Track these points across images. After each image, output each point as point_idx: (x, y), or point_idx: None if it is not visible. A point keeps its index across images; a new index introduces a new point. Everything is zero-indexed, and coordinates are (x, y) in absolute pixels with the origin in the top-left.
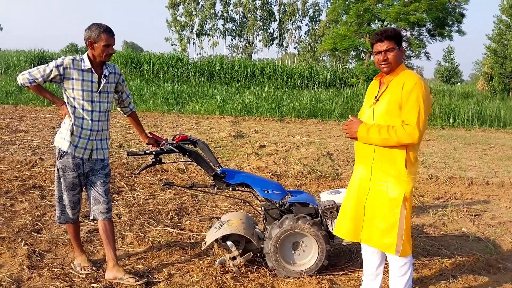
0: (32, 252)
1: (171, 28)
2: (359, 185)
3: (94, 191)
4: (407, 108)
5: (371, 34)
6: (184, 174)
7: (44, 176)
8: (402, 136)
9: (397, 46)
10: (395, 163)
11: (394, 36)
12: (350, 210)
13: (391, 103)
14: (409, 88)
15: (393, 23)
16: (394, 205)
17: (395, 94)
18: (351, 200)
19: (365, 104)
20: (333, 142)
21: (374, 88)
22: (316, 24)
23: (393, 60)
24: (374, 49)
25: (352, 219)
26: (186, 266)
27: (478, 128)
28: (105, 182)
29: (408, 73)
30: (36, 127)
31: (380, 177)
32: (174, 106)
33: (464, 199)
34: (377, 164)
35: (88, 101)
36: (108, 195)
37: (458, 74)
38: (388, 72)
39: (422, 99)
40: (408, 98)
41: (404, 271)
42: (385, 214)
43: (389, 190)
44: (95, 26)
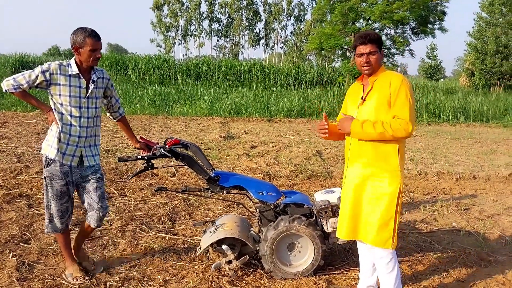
0: (21, 263)
1: (156, 29)
2: (355, 183)
3: (88, 197)
4: (398, 104)
5: (356, 33)
6: (175, 178)
7: (30, 184)
8: (396, 129)
9: (378, 49)
10: (389, 159)
11: (377, 40)
12: (348, 210)
13: (380, 101)
14: (397, 86)
15: (377, 21)
16: (390, 199)
17: (382, 92)
18: (348, 199)
19: (349, 106)
20: (322, 140)
21: (357, 91)
22: (302, 24)
23: (375, 63)
24: (357, 51)
25: (351, 219)
26: (182, 272)
27: (462, 123)
28: (98, 187)
29: (391, 73)
30: (19, 133)
31: (376, 174)
32: (161, 108)
33: (453, 194)
34: (370, 160)
35: (76, 107)
36: (104, 201)
37: (441, 71)
38: (370, 74)
39: (410, 95)
40: (397, 95)
41: (391, 267)
42: (382, 209)
43: (385, 185)
44: (80, 31)
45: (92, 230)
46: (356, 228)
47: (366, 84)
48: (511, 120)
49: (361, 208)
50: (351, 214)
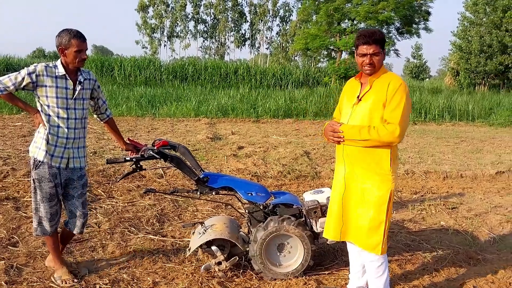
0: (9, 266)
1: (141, 30)
2: (344, 184)
3: (71, 204)
4: (391, 107)
5: (342, 33)
6: (162, 179)
7: (17, 187)
8: (384, 135)
9: (382, 49)
10: (380, 162)
11: (382, 40)
12: (336, 211)
13: (375, 103)
14: (394, 88)
15: (362, 21)
16: (380, 203)
17: (379, 94)
18: (337, 200)
19: (345, 103)
20: (309, 141)
21: (354, 88)
22: (287, 25)
23: (378, 64)
24: (359, 51)
25: (339, 220)
26: (171, 274)
27: (448, 122)
28: (82, 193)
29: (392, 74)
30: (5, 136)
31: (365, 176)
32: (148, 109)
33: (440, 193)
34: (362, 163)
35: (63, 108)
36: (86, 207)
37: (427, 70)
38: (371, 74)
39: (406, 100)
40: (392, 97)
41: (381, 271)
42: (371, 213)
43: (375, 189)
44: (65, 32)
45: (73, 236)
46: (346, 229)
47: (364, 83)
48: (496, 119)
49: (351, 210)
50: (340, 215)
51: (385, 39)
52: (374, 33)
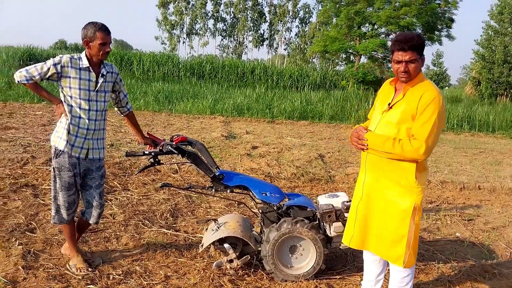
0: (26, 252)
1: (161, 27)
2: (369, 194)
3: (88, 194)
4: (420, 121)
5: (362, 37)
6: (177, 175)
7: (36, 175)
8: (408, 151)
9: (419, 56)
10: (405, 174)
11: (419, 46)
12: (359, 220)
13: (405, 113)
14: (426, 102)
15: (383, 26)
16: (404, 216)
17: (411, 104)
18: (360, 209)
19: (377, 108)
20: (324, 144)
21: (388, 94)
22: (306, 26)
23: (414, 72)
24: (394, 57)
25: (361, 229)
26: (183, 268)
27: (467, 132)
28: (100, 184)
29: (428, 85)
30: (26, 124)
31: (389, 187)
32: (165, 105)
33: (456, 204)
34: (385, 173)
35: (85, 100)
36: (102, 198)
37: (447, 79)
38: (406, 82)
39: (437, 115)
40: (423, 111)
41: (405, 282)
42: (394, 225)
43: (399, 201)
44: (90, 25)
45: (89, 225)
46: (366, 239)
47: (398, 90)
48: None
49: (373, 220)
50: (362, 224)
51: (423, 44)
52: (412, 38)
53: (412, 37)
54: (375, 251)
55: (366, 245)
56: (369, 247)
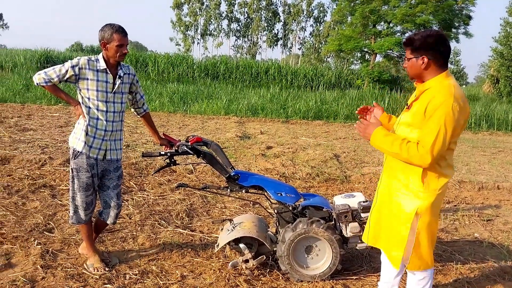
0: (45, 251)
1: (175, 28)
2: (382, 193)
3: (106, 195)
4: (427, 129)
5: (377, 35)
6: (192, 175)
7: (53, 175)
8: (413, 155)
9: (414, 56)
10: (413, 176)
11: (413, 45)
12: (372, 217)
13: (415, 115)
14: (435, 107)
15: (399, 24)
16: (406, 219)
17: (421, 107)
18: (374, 207)
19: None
20: (339, 144)
21: (413, 94)
22: (321, 25)
23: (409, 71)
24: None
25: (374, 226)
26: (199, 268)
27: (485, 131)
28: (117, 185)
29: (441, 87)
30: (44, 125)
31: (398, 189)
32: (179, 106)
33: (475, 204)
34: (399, 175)
35: (103, 101)
36: (120, 198)
37: (464, 77)
38: (412, 79)
39: (445, 121)
40: (430, 117)
41: (422, 286)
42: (397, 227)
43: (404, 204)
44: (108, 27)
45: (106, 226)
46: (378, 236)
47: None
48: None
49: (383, 219)
50: (375, 221)
51: (423, 45)
52: (411, 37)
53: (414, 34)
54: (384, 250)
55: (377, 242)
56: (379, 244)
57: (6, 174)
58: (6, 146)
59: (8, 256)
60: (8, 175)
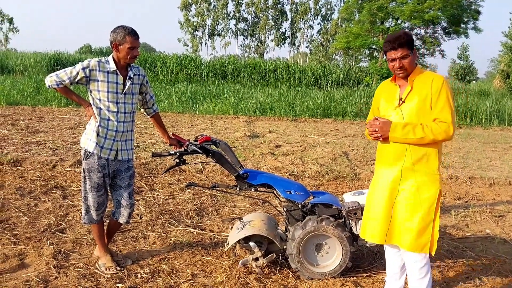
0: (57, 251)
1: (183, 28)
2: (390, 187)
3: (118, 194)
4: (440, 105)
5: (385, 32)
6: (202, 174)
7: (65, 176)
8: (438, 133)
9: (410, 51)
10: (429, 162)
11: (407, 42)
12: (381, 214)
13: (421, 102)
14: (438, 86)
15: (407, 21)
16: (430, 203)
17: (423, 92)
18: (382, 203)
19: (384, 107)
20: (349, 141)
21: (392, 91)
22: (328, 23)
23: (409, 66)
24: (388, 56)
25: (385, 223)
26: (209, 267)
27: (496, 127)
28: (129, 184)
29: (431, 73)
30: (54, 127)
31: (415, 177)
32: (188, 106)
33: (486, 200)
34: (412, 165)
35: (114, 102)
36: (132, 198)
37: (474, 72)
38: (405, 77)
39: (451, 97)
40: (438, 96)
41: (424, 272)
42: (421, 214)
43: (424, 189)
44: (120, 29)
45: (119, 226)
46: (391, 232)
47: (403, 85)
48: None
49: (397, 212)
50: (385, 218)
51: (412, 39)
52: (399, 37)
53: (400, 35)
54: (400, 244)
55: (391, 239)
56: (393, 240)
57: (18, 176)
58: (18, 148)
59: (22, 257)
60: (20, 176)
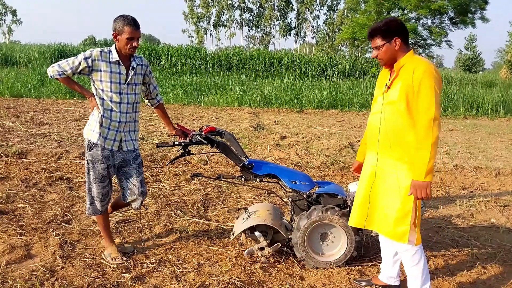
0: (63, 242)
1: (188, 19)
2: (373, 173)
3: (129, 183)
4: (422, 97)
5: None
6: (207, 166)
7: (70, 168)
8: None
9: (387, 40)
10: (410, 150)
11: (383, 31)
12: (362, 198)
13: (403, 90)
14: (419, 76)
15: (413, 11)
16: (406, 192)
17: (406, 81)
18: (364, 188)
19: (377, 92)
20: (354, 132)
21: (385, 77)
22: (334, 13)
23: (383, 57)
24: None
25: (364, 207)
26: (215, 256)
27: (502, 117)
28: (139, 172)
29: (417, 59)
30: (59, 119)
31: (394, 165)
32: (193, 98)
33: (491, 190)
34: (394, 152)
35: (116, 93)
36: (144, 186)
37: (480, 63)
38: (385, 66)
39: (435, 85)
40: (420, 87)
41: (417, 259)
42: (400, 202)
43: (403, 177)
44: (120, 18)
45: (125, 206)
46: (371, 217)
47: (392, 71)
48: None
49: (378, 198)
50: (365, 202)
51: (390, 28)
52: (376, 26)
53: (377, 24)
54: (379, 230)
55: (370, 224)
56: (373, 226)
57: (23, 168)
58: (23, 140)
59: (28, 247)
60: (25, 168)
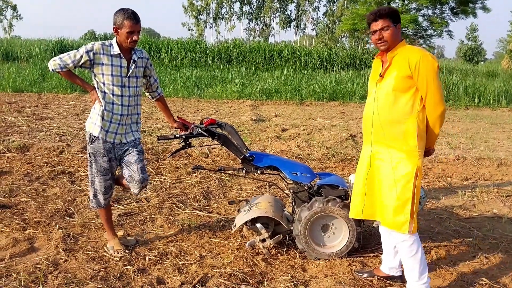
0: (66, 235)
1: (187, 13)
2: (371, 163)
3: (129, 169)
4: (423, 85)
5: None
6: (208, 158)
7: (72, 162)
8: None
9: (393, 23)
10: (407, 139)
11: (389, 14)
12: (362, 189)
13: (399, 78)
14: (416, 62)
15: (414, 1)
16: (407, 180)
17: (402, 69)
18: (363, 179)
19: (370, 82)
20: (355, 124)
21: (377, 67)
22: (334, 5)
23: (389, 38)
24: (371, 29)
25: (366, 198)
26: (217, 248)
27: (504, 107)
28: (139, 159)
29: (410, 48)
30: (60, 114)
31: (392, 154)
32: (193, 91)
33: (493, 180)
34: (390, 141)
35: (118, 86)
36: (145, 173)
37: (482, 53)
38: (387, 50)
39: (433, 71)
40: (419, 73)
41: (414, 250)
42: (398, 191)
43: (401, 166)
44: (120, 12)
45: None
46: (373, 208)
47: (385, 61)
48: None
49: (377, 189)
50: (360, 192)
51: (394, 13)
52: (380, 9)
53: (382, 7)
54: (380, 220)
55: (373, 215)
56: (376, 216)
57: (26, 162)
58: (25, 135)
59: (31, 241)
60: (28, 162)
